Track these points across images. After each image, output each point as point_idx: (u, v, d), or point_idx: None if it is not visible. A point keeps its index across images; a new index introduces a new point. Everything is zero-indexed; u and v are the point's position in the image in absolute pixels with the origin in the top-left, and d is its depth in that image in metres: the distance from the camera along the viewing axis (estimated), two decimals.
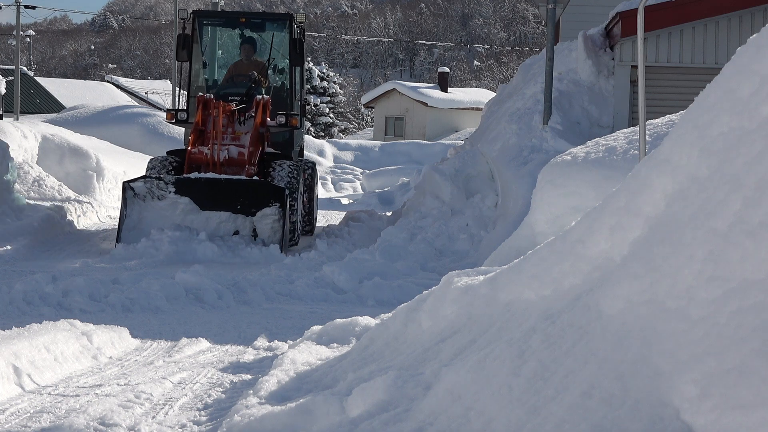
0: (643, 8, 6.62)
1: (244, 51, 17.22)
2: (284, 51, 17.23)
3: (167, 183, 14.94)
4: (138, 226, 14.66)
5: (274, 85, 17.16)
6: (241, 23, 17.59)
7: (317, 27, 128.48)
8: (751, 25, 16.42)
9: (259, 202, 14.90)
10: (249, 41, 17.30)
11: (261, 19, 18.08)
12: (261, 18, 18.41)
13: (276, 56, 17.21)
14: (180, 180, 15.05)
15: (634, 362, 3.63)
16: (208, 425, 5.31)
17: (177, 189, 14.95)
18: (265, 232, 14.86)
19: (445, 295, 5.52)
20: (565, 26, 21.61)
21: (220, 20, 18.27)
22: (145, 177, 15.15)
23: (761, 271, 3.37)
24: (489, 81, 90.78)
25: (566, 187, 9.18)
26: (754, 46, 3.88)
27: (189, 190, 15.00)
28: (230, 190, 14.97)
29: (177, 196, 14.91)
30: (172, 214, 14.88)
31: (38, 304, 9.78)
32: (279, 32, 17.38)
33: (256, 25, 17.63)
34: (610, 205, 4.44)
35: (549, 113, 15.87)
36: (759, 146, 3.61)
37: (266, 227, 14.91)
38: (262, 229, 14.91)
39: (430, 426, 4.16)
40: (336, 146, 39.84)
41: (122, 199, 14.94)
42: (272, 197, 14.86)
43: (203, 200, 14.97)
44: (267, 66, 16.96)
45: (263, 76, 16.89)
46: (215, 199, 14.95)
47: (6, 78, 34.92)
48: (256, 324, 9.47)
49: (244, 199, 14.94)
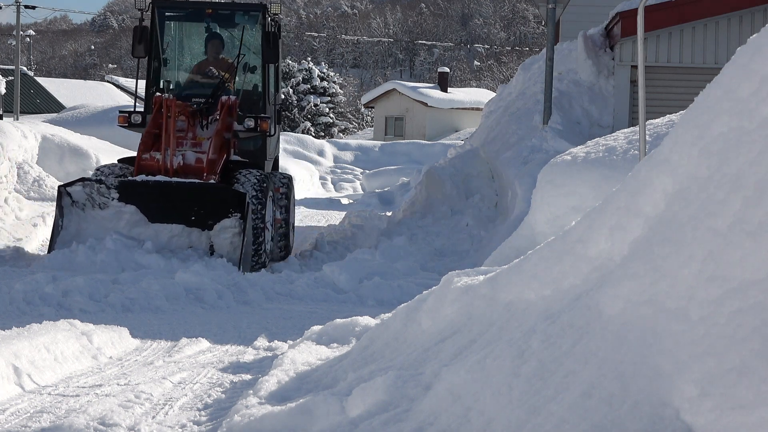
0: (643, 8, 6.62)
1: (211, 48, 15.29)
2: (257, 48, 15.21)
3: (109, 187, 12.96)
4: (76, 239, 12.62)
5: (245, 89, 15.14)
6: (208, 15, 15.43)
7: (317, 27, 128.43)
8: (751, 25, 16.41)
9: (216, 211, 12.85)
10: (215, 37, 15.37)
11: (230, 11, 15.81)
12: (230, 9, 16.00)
13: (247, 53, 15.20)
14: (124, 184, 13.01)
15: (634, 362, 3.63)
16: (208, 425, 5.31)
17: (121, 195, 12.93)
18: (224, 247, 12.70)
19: (445, 295, 5.52)
20: (565, 26, 21.61)
21: (184, 12, 15.80)
22: (84, 180, 13.19)
23: (761, 271, 3.37)
24: (489, 81, 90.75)
25: (566, 187, 9.18)
26: (754, 46, 3.88)
27: (135, 196, 12.94)
28: (182, 197, 12.91)
29: (121, 204, 12.93)
30: (116, 225, 12.85)
31: (38, 304, 9.78)
32: (251, 25, 15.36)
33: (224, 18, 15.55)
34: (610, 205, 4.44)
35: (549, 113, 15.87)
36: (759, 146, 3.61)
37: (225, 242, 12.75)
38: (221, 244, 12.75)
39: (430, 426, 4.16)
40: (336, 146, 39.84)
41: (57, 207, 13.00)
42: (232, 206, 12.77)
43: (152, 210, 12.98)
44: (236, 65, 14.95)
45: (232, 76, 14.98)
46: (165, 209, 12.96)
47: (6, 78, 34.87)
48: (256, 324, 9.47)
49: (199, 208, 12.91)
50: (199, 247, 12.83)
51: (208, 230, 12.88)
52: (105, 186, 12.98)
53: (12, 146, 19.22)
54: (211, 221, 12.86)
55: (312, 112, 71.65)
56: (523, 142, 15.66)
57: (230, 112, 14.26)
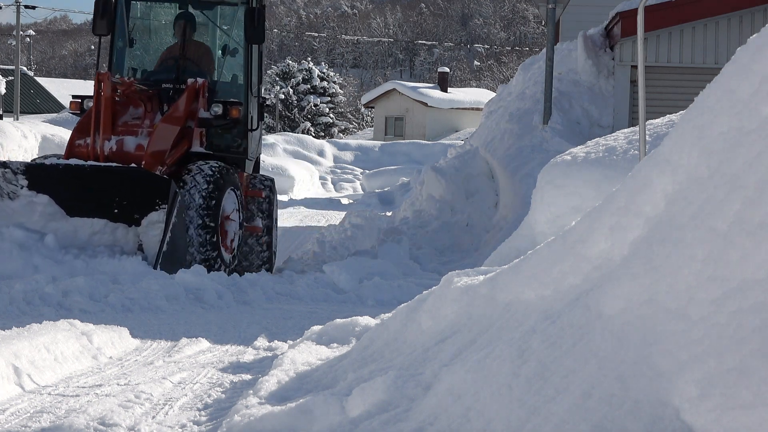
0: (643, 8, 6.62)
1: (179, 29, 13.24)
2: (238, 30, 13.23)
3: (15, 173, 10.81)
4: None
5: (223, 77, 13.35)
6: None
7: (317, 27, 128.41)
8: (751, 25, 16.42)
9: (142, 202, 10.76)
10: (185, 17, 13.34)
11: None
12: None
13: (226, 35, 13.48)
14: (32, 169, 10.91)
15: (634, 362, 3.63)
16: (208, 425, 5.31)
17: (30, 182, 10.79)
18: (153, 247, 10.73)
19: (445, 295, 5.52)
20: (565, 26, 21.62)
21: None
22: None
23: (761, 271, 3.37)
24: (489, 81, 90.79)
25: (566, 187, 9.17)
26: (754, 46, 3.88)
27: (47, 184, 10.79)
28: (98, 185, 10.77)
29: (32, 193, 10.79)
30: (28, 219, 10.77)
31: (38, 304, 9.77)
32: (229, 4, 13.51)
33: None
34: (610, 205, 4.44)
35: (549, 113, 15.88)
36: (759, 146, 3.61)
37: (154, 240, 10.73)
38: (149, 243, 10.74)
39: (430, 426, 4.16)
40: (336, 146, 39.88)
41: None
42: (158, 195, 10.67)
43: (68, 200, 10.83)
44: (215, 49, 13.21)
45: (208, 61, 13.19)
46: (84, 199, 10.82)
47: (6, 78, 34.92)
48: (256, 324, 9.47)
49: (122, 198, 10.77)
50: (126, 245, 10.87)
51: (136, 226, 10.87)
52: (11, 171, 10.85)
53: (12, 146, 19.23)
54: (137, 215, 10.82)
55: (312, 112, 71.69)
56: (523, 142, 15.67)
57: (196, 96, 12.45)
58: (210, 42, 13.66)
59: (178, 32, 13.28)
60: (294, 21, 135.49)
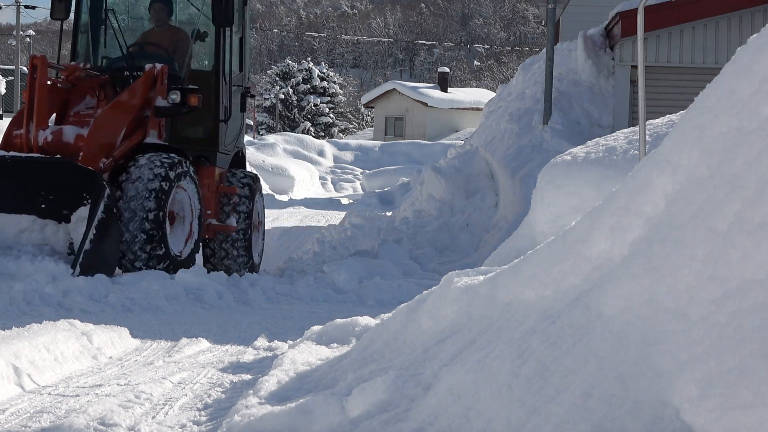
0: (643, 8, 6.62)
1: (154, 14, 12.42)
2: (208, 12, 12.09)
3: None
4: None
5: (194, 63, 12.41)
6: None
7: (317, 27, 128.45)
8: (751, 25, 16.42)
9: (70, 196, 9.97)
10: (161, 1, 12.45)
11: None
12: None
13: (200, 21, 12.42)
14: None
15: (634, 362, 3.63)
16: (208, 425, 5.31)
17: None
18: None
19: (445, 295, 5.52)
20: (565, 26, 21.62)
21: None
22: None
23: (761, 271, 3.37)
24: (489, 81, 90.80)
25: (566, 187, 9.18)
26: (754, 46, 3.88)
27: None
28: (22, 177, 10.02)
29: None
30: None
31: (38, 304, 9.77)
32: None
33: None
34: (610, 205, 4.44)
35: (549, 113, 15.89)
36: (759, 146, 3.61)
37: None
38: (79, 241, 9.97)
39: (430, 426, 4.16)
40: (336, 146, 39.90)
41: None
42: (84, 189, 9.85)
43: None
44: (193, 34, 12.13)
45: (184, 48, 12.11)
46: (7, 193, 10.04)
47: (6, 78, 34.91)
48: (256, 324, 9.47)
49: (48, 192, 9.99)
50: (57, 244, 10.13)
51: (66, 222, 10.14)
52: None
53: None
54: (65, 210, 10.08)
55: (312, 112, 71.71)
56: (523, 142, 15.67)
57: (154, 83, 11.47)
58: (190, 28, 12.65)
59: (153, 17, 12.48)
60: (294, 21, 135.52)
